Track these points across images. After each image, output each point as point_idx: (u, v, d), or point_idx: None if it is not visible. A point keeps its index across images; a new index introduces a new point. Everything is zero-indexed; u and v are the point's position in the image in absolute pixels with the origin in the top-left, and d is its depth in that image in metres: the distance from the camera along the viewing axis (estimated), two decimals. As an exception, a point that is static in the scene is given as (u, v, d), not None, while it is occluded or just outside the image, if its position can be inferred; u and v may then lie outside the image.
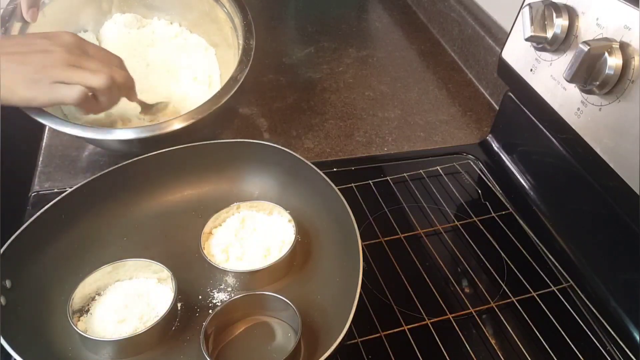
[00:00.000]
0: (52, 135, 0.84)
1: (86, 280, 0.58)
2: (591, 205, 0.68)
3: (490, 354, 0.60)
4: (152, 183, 0.70)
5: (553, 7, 0.63)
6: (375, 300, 0.63)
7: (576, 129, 0.63)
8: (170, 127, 0.70)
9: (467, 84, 1.03)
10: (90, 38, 0.87)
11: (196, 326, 0.58)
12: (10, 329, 0.52)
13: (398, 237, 0.71)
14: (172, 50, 0.89)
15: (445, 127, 0.92)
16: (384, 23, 1.23)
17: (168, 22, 0.91)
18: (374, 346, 0.59)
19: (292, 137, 0.88)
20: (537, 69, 0.69)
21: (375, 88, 1.00)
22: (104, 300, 0.59)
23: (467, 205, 0.77)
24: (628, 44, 0.55)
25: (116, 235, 0.66)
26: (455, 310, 0.63)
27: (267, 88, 0.98)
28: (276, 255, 0.62)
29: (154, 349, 0.56)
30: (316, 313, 0.59)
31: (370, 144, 0.87)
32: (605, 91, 0.57)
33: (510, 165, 0.82)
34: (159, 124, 0.71)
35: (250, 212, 0.68)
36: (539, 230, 0.73)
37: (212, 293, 0.61)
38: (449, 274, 0.67)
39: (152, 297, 0.59)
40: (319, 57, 1.08)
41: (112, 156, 0.79)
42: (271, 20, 1.19)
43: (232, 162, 0.72)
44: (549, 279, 0.67)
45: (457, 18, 1.08)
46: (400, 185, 0.79)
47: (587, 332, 0.61)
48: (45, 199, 0.68)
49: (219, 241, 0.64)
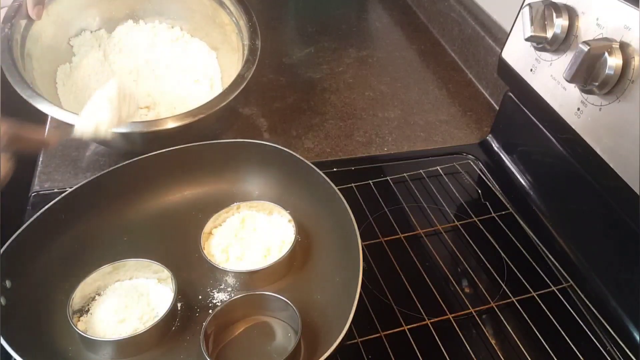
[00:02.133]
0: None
1: (86, 280, 0.59)
2: (591, 205, 0.68)
3: (490, 354, 0.60)
4: (152, 183, 0.70)
5: (553, 7, 0.63)
6: (375, 300, 0.63)
7: (576, 129, 0.63)
8: (179, 122, 0.70)
9: (467, 84, 1.03)
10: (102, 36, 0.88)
11: (196, 326, 0.58)
12: (10, 329, 0.52)
13: (398, 237, 0.71)
14: (173, 53, 0.89)
15: (445, 127, 0.92)
16: (384, 23, 1.23)
17: (169, 26, 0.91)
18: (374, 346, 0.59)
19: (292, 137, 0.88)
20: (537, 69, 0.69)
21: (375, 88, 1.00)
22: (104, 300, 0.59)
23: (467, 205, 0.77)
24: (628, 44, 0.55)
25: (116, 235, 0.66)
26: (455, 310, 0.63)
27: (267, 88, 0.98)
28: (276, 255, 0.62)
29: (154, 349, 0.56)
30: (316, 313, 0.59)
31: (370, 144, 0.87)
32: (605, 91, 0.57)
33: (510, 165, 0.82)
34: (167, 119, 0.71)
35: (250, 212, 0.68)
36: (539, 230, 0.73)
37: (212, 293, 0.61)
38: (449, 274, 0.67)
39: (152, 297, 0.59)
40: (319, 57, 1.08)
41: (113, 156, 0.79)
42: (271, 20, 1.19)
43: (232, 162, 0.72)
44: (549, 279, 0.66)
45: (457, 18, 1.07)
46: (400, 185, 0.79)
47: (587, 332, 0.61)
48: (45, 199, 0.68)
49: (219, 241, 0.64)
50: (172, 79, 0.87)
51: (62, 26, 0.85)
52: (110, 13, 0.89)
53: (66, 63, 0.84)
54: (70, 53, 0.85)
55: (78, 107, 0.79)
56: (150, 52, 0.89)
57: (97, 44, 0.87)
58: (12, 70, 0.71)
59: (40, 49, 0.80)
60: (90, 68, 0.84)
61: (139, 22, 0.90)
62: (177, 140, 0.71)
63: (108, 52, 0.87)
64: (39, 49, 0.80)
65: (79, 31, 0.87)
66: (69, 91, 0.81)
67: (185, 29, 0.91)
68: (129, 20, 0.89)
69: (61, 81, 0.82)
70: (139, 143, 0.73)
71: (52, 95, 0.78)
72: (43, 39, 0.81)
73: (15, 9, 0.77)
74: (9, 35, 0.74)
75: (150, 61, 0.88)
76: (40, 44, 0.80)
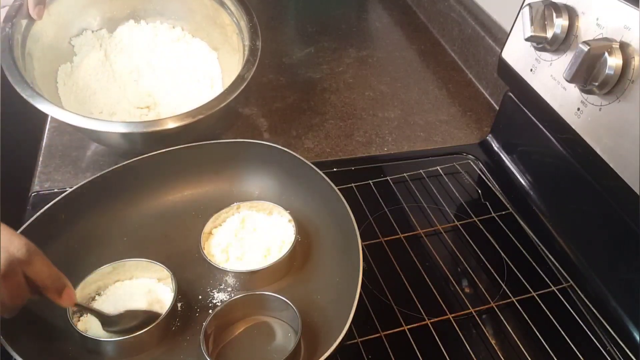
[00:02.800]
0: (52, 135, 0.84)
1: (86, 280, 0.59)
2: (591, 205, 0.68)
3: (490, 354, 0.60)
4: (152, 183, 0.70)
5: (553, 7, 0.63)
6: (375, 300, 0.63)
7: (576, 129, 0.63)
8: (179, 122, 0.70)
9: (467, 84, 1.03)
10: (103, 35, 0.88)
11: (196, 326, 0.58)
12: (10, 329, 0.52)
13: (398, 237, 0.71)
14: (174, 54, 0.89)
15: (445, 127, 0.92)
16: (384, 23, 1.23)
17: (170, 27, 0.91)
18: (374, 346, 0.59)
19: (292, 137, 0.88)
20: (537, 69, 0.69)
21: (375, 88, 1.00)
22: (104, 300, 0.59)
23: (467, 205, 0.77)
24: (628, 44, 0.55)
25: (116, 235, 0.66)
26: (455, 310, 0.63)
27: (267, 88, 0.98)
28: (276, 255, 0.62)
29: (154, 349, 0.56)
30: (316, 313, 0.59)
31: (370, 144, 0.87)
32: (605, 91, 0.57)
33: (510, 165, 0.82)
34: (167, 119, 0.71)
35: (250, 212, 0.68)
36: (539, 230, 0.73)
37: (212, 293, 0.61)
38: (449, 274, 0.67)
39: (152, 297, 0.59)
40: (319, 57, 1.08)
41: (112, 156, 0.79)
42: (271, 20, 1.19)
43: (232, 162, 0.72)
44: (549, 279, 0.66)
45: (457, 18, 1.07)
46: (400, 185, 0.79)
47: (587, 332, 0.61)
48: (45, 199, 0.68)
49: (219, 241, 0.64)
50: (173, 79, 0.87)
51: (63, 26, 0.85)
52: (111, 13, 0.89)
53: (67, 63, 0.84)
54: (71, 53, 0.85)
55: (79, 107, 0.80)
56: (151, 52, 0.89)
57: (99, 43, 0.87)
58: (13, 70, 0.71)
59: (41, 48, 0.80)
60: (91, 68, 0.84)
61: (140, 22, 0.90)
62: (177, 140, 0.71)
63: (109, 52, 0.87)
64: (40, 49, 0.80)
65: (80, 31, 0.87)
66: (69, 91, 0.81)
67: (186, 29, 0.91)
68: (130, 21, 0.89)
69: (62, 80, 0.82)
70: (139, 143, 0.73)
71: (52, 94, 0.78)
72: (44, 38, 0.81)
73: (16, 8, 0.77)
74: (9, 35, 0.74)
75: (151, 61, 0.88)
76: (41, 43, 0.80)
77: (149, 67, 0.87)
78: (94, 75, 0.84)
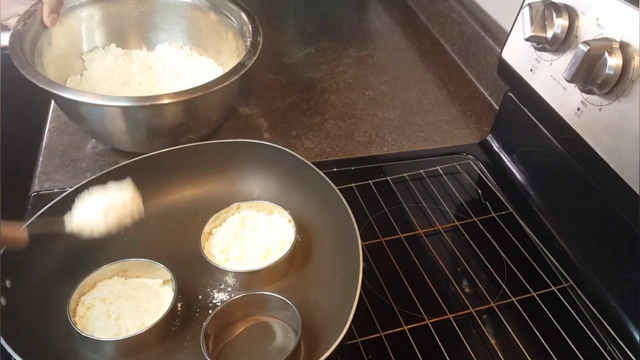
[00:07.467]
0: (52, 135, 0.84)
1: (86, 280, 0.59)
2: (591, 205, 0.68)
3: (490, 354, 0.60)
4: (152, 183, 0.70)
5: (553, 7, 0.63)
6: (375, 300, 0.63)
7: (576, 129, 0.63)
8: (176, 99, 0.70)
9: (467, 84, 1.03)
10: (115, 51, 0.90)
11: (196, 326, 0.58)
12: (10, 329, 0.52)
13: (398, 237, 0.71)
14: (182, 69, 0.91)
15: (445, 127, 0.92)
16: (384, 23, 1.23)
17: (179, 46, 0.93)
18: (374, 346, 0.59)
19: (292, 137, 0.88)
20: (537, 69, 0.69)
21: (375, 88, 1.00)
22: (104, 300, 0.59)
23: (467, 205, 0.77)
24: (628, 44, 0.55)
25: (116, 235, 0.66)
26: (455, 310, 0.63)
27: (267, 88, 0.98)
28: (276, 255, 0.62)
29: (154, 349, 0.56)
30: (316, 313, 0.59)
31: (370, 144, 0.87)
32: (605, 91, 0.57)
33: (510, 165, 0.82)
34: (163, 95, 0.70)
35: (250, 212, 0.68)
36: (539, 230, 0.73)
37: (212, 293, 0.61)
38: (449, 274, 0.67)
39: (152, 297, 0.59)
40: (319, 57, 1.08)
41: (112, 156, 0.79)
42: (271, 20, 1.19)
43: (232, 162, 0.72)
44: (549, 279, 0.66)
45: (457, 18, 1.07)
46: (400, 185, 0.79)
47: (587, 332, 0.61)
48: (45, 199, 0.68)
49: (219, 241, 0.64)
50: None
51: (72, 40, 0.87)
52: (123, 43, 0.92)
53: (77, 75, 0.86)
54: (81, 67, 0.87)
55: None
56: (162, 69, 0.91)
57: (111, 57, 0.89)
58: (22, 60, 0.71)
59: (51, 56, 0.81)
60: (100, 77, 0.86)
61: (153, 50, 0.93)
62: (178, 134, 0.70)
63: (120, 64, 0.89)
64: (50, 56, 0.81)
65: (92, 48, 0.89)
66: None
67: (194, 49, 0.93)
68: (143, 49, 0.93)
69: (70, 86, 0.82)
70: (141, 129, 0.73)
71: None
72: (55, 47, 0.82)
73: (30, 12, 0.78)
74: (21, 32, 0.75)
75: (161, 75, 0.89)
76: (51, 52, 0.81)
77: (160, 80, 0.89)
78: (102, 86, 0.85)
